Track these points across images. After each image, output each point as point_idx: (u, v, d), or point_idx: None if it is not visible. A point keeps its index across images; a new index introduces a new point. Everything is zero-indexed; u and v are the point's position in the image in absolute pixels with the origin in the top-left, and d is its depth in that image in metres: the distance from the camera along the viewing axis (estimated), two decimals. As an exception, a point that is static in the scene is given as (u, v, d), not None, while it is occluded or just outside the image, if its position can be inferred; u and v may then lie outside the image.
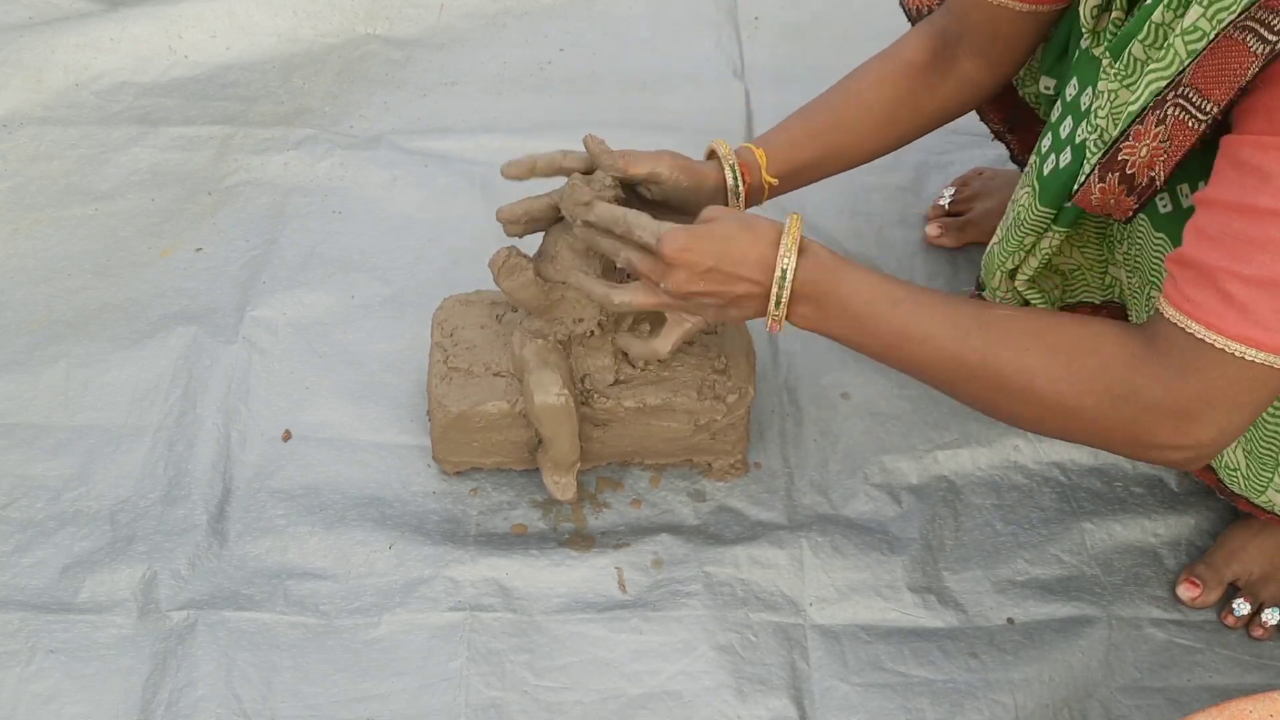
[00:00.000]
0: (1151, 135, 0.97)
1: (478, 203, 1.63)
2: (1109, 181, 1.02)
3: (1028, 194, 1.18)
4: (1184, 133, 0.94)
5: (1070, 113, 1.12)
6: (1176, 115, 0.94)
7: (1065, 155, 1.12)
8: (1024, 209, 1.18)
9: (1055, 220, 1.15)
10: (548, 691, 1.19)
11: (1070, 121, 1.12)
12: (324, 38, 1.85)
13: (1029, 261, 1.21)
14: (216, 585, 1.24)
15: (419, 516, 1.31)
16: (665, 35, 1.88)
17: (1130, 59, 1.02)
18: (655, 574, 1.27)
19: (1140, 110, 0.98)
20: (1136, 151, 0.99)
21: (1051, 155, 1.15)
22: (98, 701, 1.16)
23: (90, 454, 1.35)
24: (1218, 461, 1.16)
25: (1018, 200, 1.21)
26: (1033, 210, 1.17)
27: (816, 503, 1.34)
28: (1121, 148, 1.00)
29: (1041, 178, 1.15)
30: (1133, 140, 0.99)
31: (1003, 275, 1.25)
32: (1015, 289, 1.26)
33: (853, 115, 1.26)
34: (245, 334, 1.46)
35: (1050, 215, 1.15)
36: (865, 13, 1.89)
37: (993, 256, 1.25)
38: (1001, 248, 1.23)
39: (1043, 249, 1.19)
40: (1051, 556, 1.30)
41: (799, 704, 1.18)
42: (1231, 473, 1.16)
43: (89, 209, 1.61)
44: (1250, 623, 1.25)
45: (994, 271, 1.26)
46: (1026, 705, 1.19)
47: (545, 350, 1.24)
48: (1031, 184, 1.18)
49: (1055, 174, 1.13)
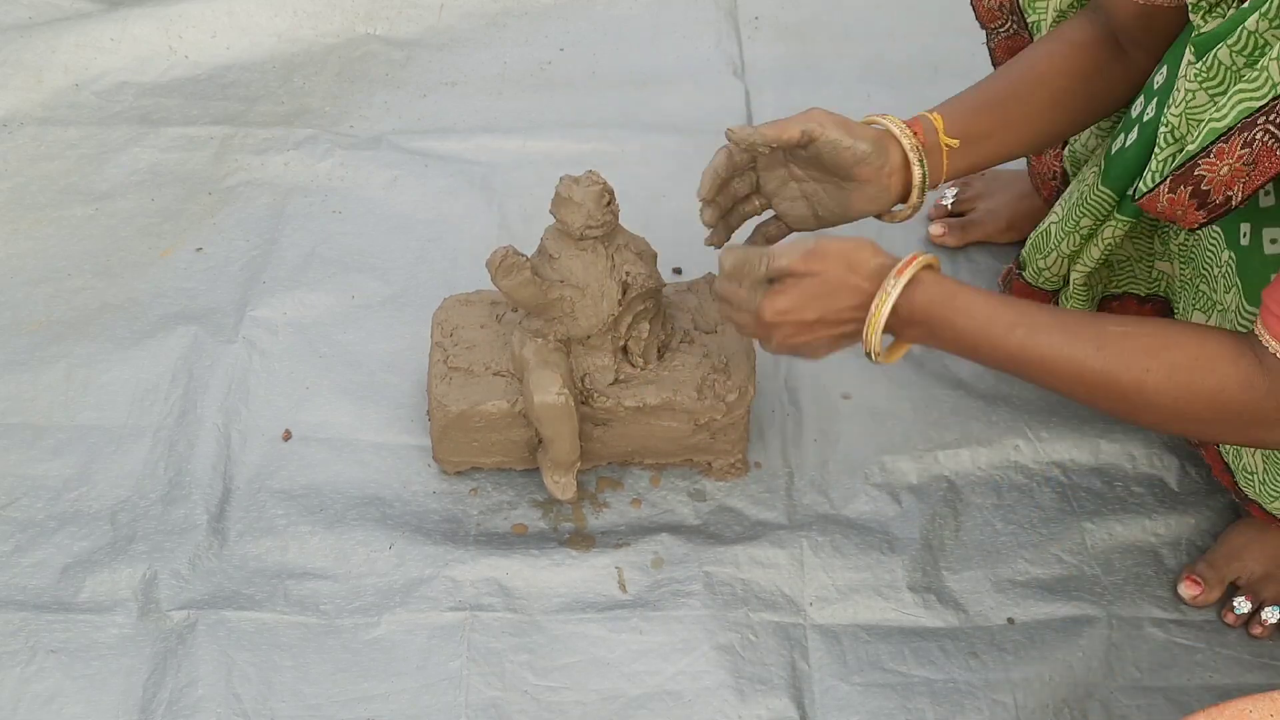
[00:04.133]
0: (1236, 156, 0.94)
1: (478, 203, 1.63)
2: (1179, 194, 0.99)
3: (1094, 173, 1.16)
4: (1271, 160, 0.91)
5: (1143, 92, 1.11)
6: (1265, 142, 0.91)
7: (1133, 134, 1.10)
8: (1088, 188, 1.17)
9: (1118, 207, 1.14)
10: (548, 691, 1.19)
11: (1141, 100, 1.11)
12: (324, 38, 1.85)
13: (1089, 250, 1.20)
14: (217, 585, 1.25)
15: (419, 516, 1.31)
16: (665, 35, 1.88)
17: (1216, 63, 0.97)
18: (655, 574, 1.27)
19: (1226, 130, 0.94)
20: (1216, 170, 0.96)
21: (1121, 135, 1.13)
22: (98, 701, 1.16)
23: (90, 454, 1.35)
24: (1236, 463, 1.16)
25: (1083, 179, 1.20)
26: (1095, 189, 1.15)
27: (816, 502, 1.34)
28: (1200, 163, 0.97)
29: (1109, 156, 1.14)
30: (1214, 158, 0.95)
31: (1059, 258, 1.23)
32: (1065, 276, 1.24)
33: (1027, 87, 1.20)
34: (245, 334, 1.46)
35: (1113, 200, 1.14)
36: (865, 13, 1.90)
37: (1048, 235, 1.23)
38: (1060, 227, 1.21)
39: (1105, 238, 1.17)
40: (1051, 556, 1.30)
41: (799, 704, 1.18)
42: (1249, 476, 1.16)
43: (89, 209, 1.61)
44: (1250, 621, 1.25)
45: (1048, 252, 1.23)
46: (1026, 705, 1.19)
47: (545, 350, 1.25)
48: (1099, 164, 1.16)
49: (1122, 153, 1.11)
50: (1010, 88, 1.21)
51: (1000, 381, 1.44)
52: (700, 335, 1.32)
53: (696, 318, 1.34)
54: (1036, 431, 1.39)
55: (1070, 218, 1.20)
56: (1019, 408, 1.41)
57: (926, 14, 1.88)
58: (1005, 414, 1.41)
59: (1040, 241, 1.27)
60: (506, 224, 1.61)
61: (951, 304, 1.04)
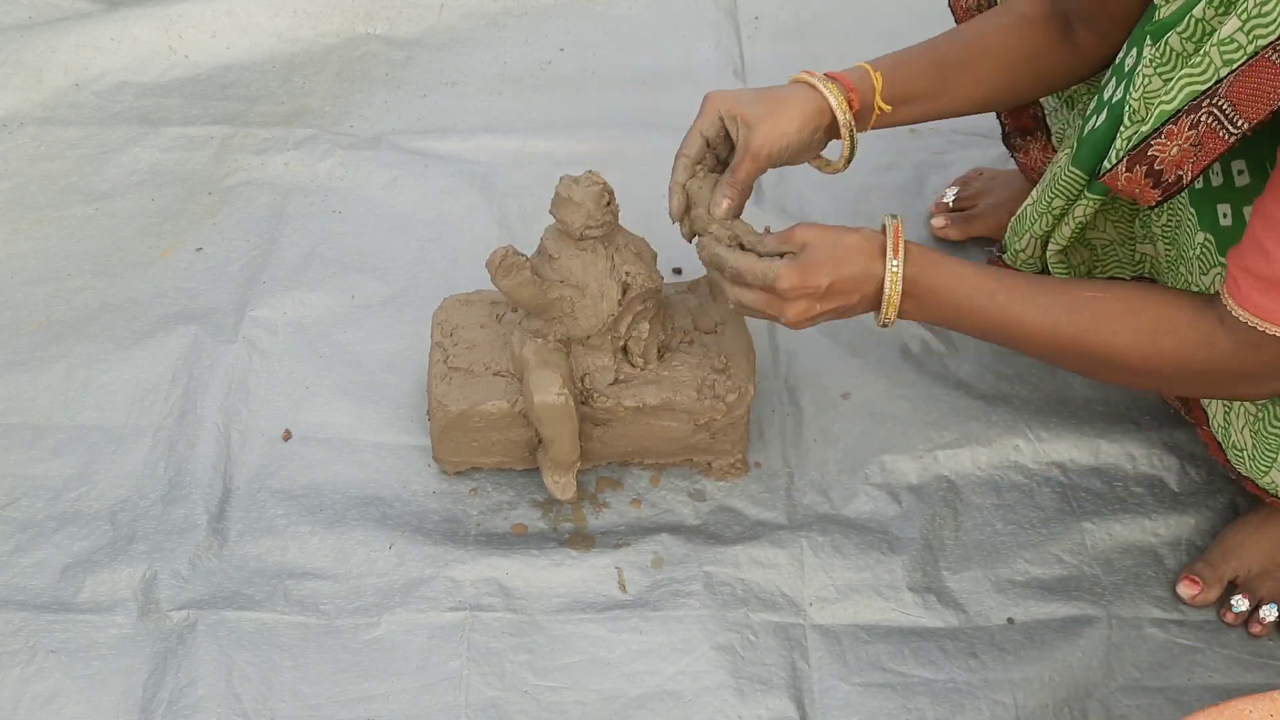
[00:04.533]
0: (1184, 138, 0.98)
1: (478, 203, 1.63)
2: (1135, 172, 1.04)
3: (1067, 154, 1.18)
4: (1214, 141, 0.96)
5: (1115, 74, 1.12)
6: (1209, 124, 0.96)
7: (1102, 116, 1.12)
8: (1060, 169, 1.18)
9: (1088, 186, 1.15)
10: (548, 691, 1.19)
11: (1114, 83, 1.12)
12: (324, 38, 1.85)
13: (1061, 229, 1.21)
14: (217, 585, 1.25)
15: (419, 516, 1.31)
16: (665, 35, 1.88)
17: (1167, 49, 1.02)
18: (655, 574, 1.27)
19: (1175, 112, 0.99)
20: (1167, 150, 1.00)
21: (1093, 117, 1.15)
22: (98, 701, 1.16)
23: (90, 454, 1.35)
24: (1226, 440, 1.18)
25: (1056, 160, 1.21)
26: (1066, 170, 1.17)
27: (816, 502, 1.34)
28: (1152, 144, 1.01)
29: (1080, 137, 1.15)
30: (1164, 139, 1.00)
31: (1033, 239, 1.25)
32: (1043, 258, 1.25)
33: (974, 56, 1.23)
34: (245, 334, 1.46)
35: (1082, 179, 1.16)
36: (865, 13, 1.90)
37: (1024, 218, 1.25)
38: (1034, 208, 1.23)
39: (1075, 217, 1.18)
40: (1051, 556, 1.30)
41: (799, 704, 1.18)
42: (1239, 453, 1.17)
43: (89, 209, 1.61)
44: (1249, 619, 1.25)
45: (1023, 234, 1.25)
46: (1026, 705, 1.19)
47: (545, 350, 1.25)
48: (1072, 143, 1.18)
49: (1091, 134, 1.13)
50: (957, 54, 1.24)
51: (1000, 381, 1.44)
52: (700, 335, 1.32)
53: (696, 318, 1.34)
54: (1036, 431, 1.39)
55: (1043, 199, 1.22)
56: (1019, 408, 1.41)
57: (926, 14, 1.87)
58: (1005, 414, 1.41)
59: (1017, 225, 1.28)
60: (506, 224, 1.61)
61: (934, 274, 1.10)
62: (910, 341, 1.48)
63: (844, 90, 1.18)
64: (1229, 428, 1.17)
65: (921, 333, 1.48)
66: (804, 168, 1.32)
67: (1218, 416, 1.18)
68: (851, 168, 1.25)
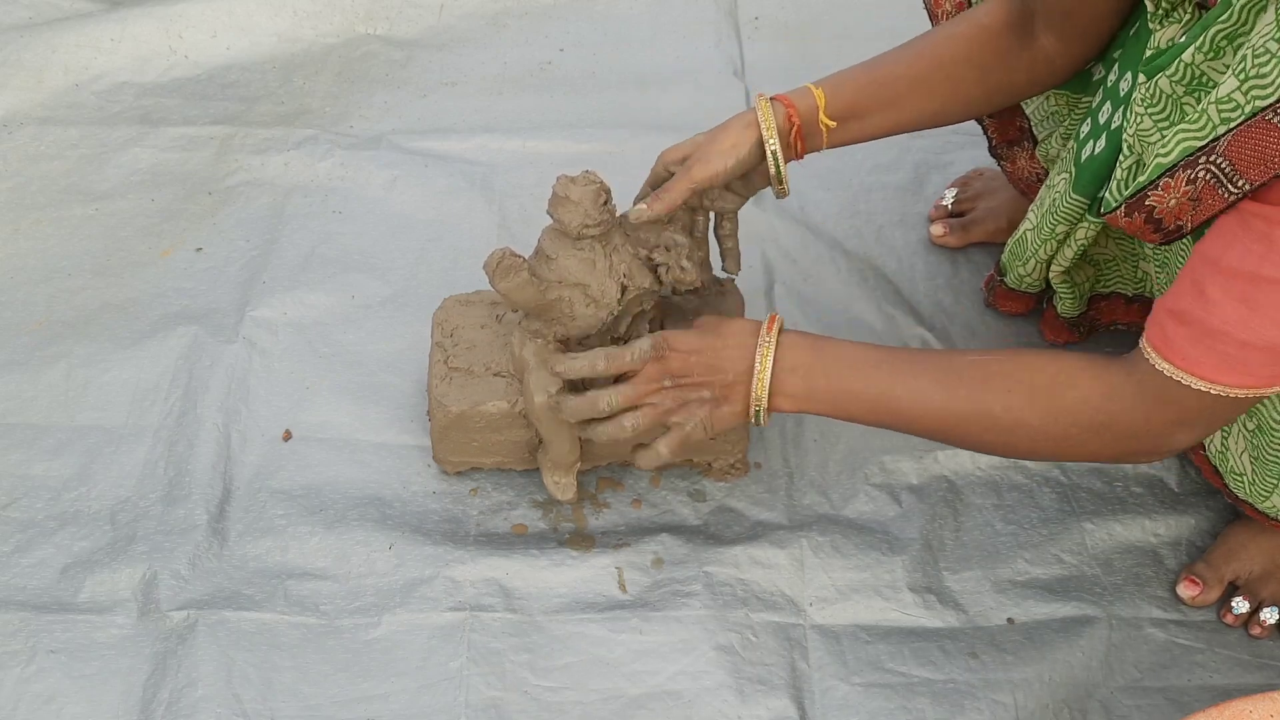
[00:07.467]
0: (1181, 191, 0.96)
1: (478, 203, 1.63)
2: (1135, 218, 1.01)
3: (1064, 180, 1.17)
4: (1214, 199, 0.93)
5: (1110, 98, 1.11)
6: (1206, 180, 0.93)
7: (1101, 142, 1.11)
8: (1060, 195, 1.18)
9: (1089, 209, 1.15)
10: (548, 691, 1.19)
11: (1109, 107, 1.11)
12: (324, 38, 1.85)
13: (1064, 251, 1.20)
14: (217, 585, 1.25)
15: (419, 516, 1.31)
16: (665, 35, 1.88)
17: (1158, 90, 1.00)
18: (655, 574, 1.27)
19: (1172, 165, 0.96)
20: (1164, 201, 0.98)
21: (1090, 141, 1.13)
22: (98, 701, 1.16)
23: (90, 454, 1.35)
24: (1224, 465, 1.17)
25: (1054, 185, 1.20)
26: (1067, 197, 1.16)
27: (816, 503, 1.34)
28: (1149, 194, 0.99)
29: (1079, 164, 1.14)
30: (1161, 190, 0.98)
31: (1037, 263, 1.24)
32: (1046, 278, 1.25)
33: (921, 68, 1.21)
34: (245, 334, 1.46)
35: (1084, 204, 1.15)
36: (865, 13, 1.90)
37: (1025, 243, 1.24)
38: (1035, 234, 1.22)
39: (1079, 239, 1.18)
40: (1051, 556, 1.30)
41: (799, 704, 1.18)
42: (1238, 478, 1.16)
43: (89, 209, 1.61)
44: (1249, 621, 1.25)
45: (1027, 259, 1.24)
46: (1026, 705, 1.19)
47: (545, 350, 1.24)
48: (1069, 169, 1.17)
49: (1091, 160, 1.12)
50: (907, 68, 1.21)
51: (1000, 381, 1.44)
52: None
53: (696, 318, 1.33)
54: (1036, 431, 1.39)
55: (1045, 224, 1.21)
56: (1019, 408, 1.41)
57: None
58: (1005, 414, 1.41)
59: (1018, 249, 1.27)
60: (506, 224, 1.61)
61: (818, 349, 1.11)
62: (910, 341, 1.48)
63: (784, 110, 1.17)
64: (1226, 453, 1.17)
65: (922, 333, 1.48)
66: (804, 168, 1.32)
67: (1215, 442, 1.18)
68: (851, 168, 1.25)
